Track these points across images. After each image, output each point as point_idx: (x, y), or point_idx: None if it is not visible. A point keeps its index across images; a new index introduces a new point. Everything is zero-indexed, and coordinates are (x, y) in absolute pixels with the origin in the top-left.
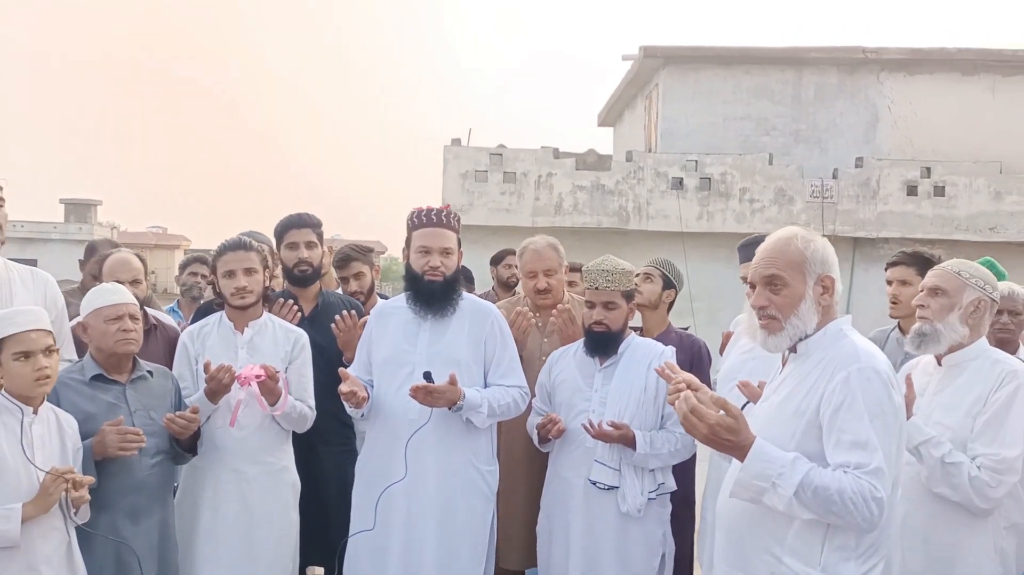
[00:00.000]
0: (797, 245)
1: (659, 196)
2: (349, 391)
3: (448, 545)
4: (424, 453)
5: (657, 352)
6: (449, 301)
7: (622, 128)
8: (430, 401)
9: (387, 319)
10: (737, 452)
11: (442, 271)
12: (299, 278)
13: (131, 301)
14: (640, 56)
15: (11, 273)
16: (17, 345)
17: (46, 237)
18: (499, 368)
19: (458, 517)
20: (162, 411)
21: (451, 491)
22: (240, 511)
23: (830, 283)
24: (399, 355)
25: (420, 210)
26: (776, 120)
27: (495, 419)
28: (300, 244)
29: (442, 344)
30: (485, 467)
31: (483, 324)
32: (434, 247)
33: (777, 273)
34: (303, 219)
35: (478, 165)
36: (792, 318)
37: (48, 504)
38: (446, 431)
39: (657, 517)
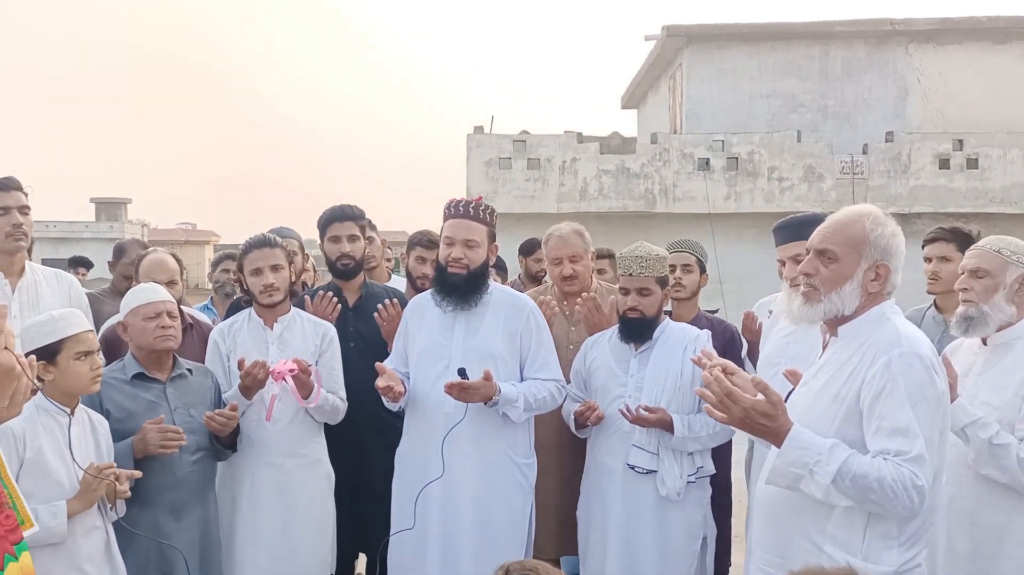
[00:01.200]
0: (864, 224)
1: (685, 178)
2: (385, 386)
3: (486, 539)
4: (460, 448)
5: (692, 336)
6: (472, 295)
7: (646, 110)
8: (465, 397)
9: (423, 312)
10: (773, 438)
11: (465, 263)
12: (341, 271)
13: (168, 299)
14: (663, 36)
15: (37, 276)
16: (78, 345)
17: (78, 236)
18: (535, 362)
19: (495, 511)
20: (202, 408)
21: (488, 486)
22: (278, 503)
23: (884, 272)
24: (435, 349)
25: (452, 201)
26: (803, 96)
27: (531, 413)
28: (342, 237)
29: (477, 338)
30: (522, 460)
31: (518, 317)
32: (457, 238)
33: (830, 248)
34: (345, 212)
35: (502, 152)
36: (832, 295)
37: (91, 500)
38: (482, 426)
39: (697, 500)
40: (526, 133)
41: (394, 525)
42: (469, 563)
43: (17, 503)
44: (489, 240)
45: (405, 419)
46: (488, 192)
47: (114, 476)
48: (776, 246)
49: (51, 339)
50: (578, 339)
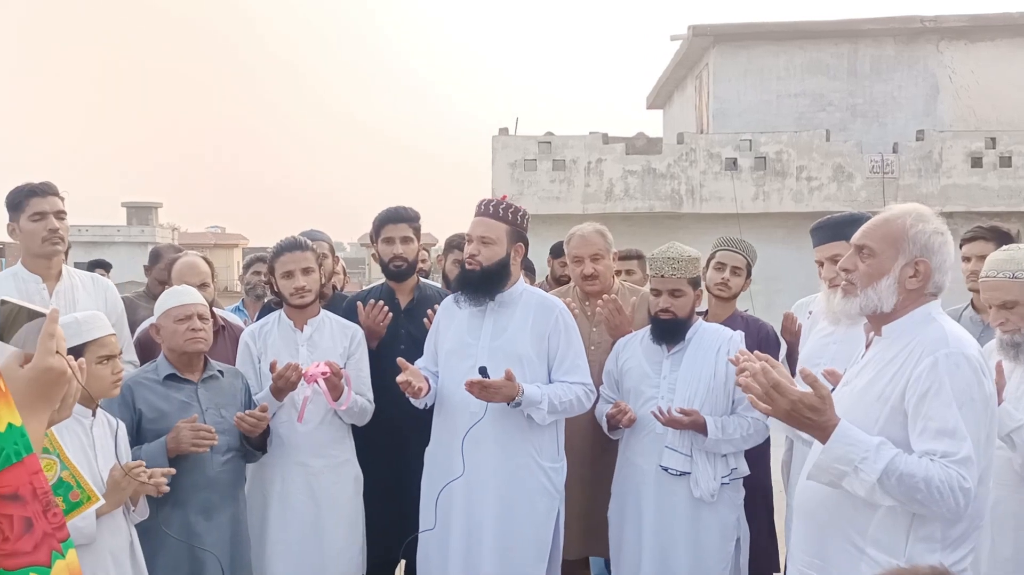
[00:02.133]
0: (904, 221)
1: (712, 178)
2: (405, 381)
3: (508, 542)
4: (483, 449)
5: (726, 337)
6: (486, 291)
7: (672, 110)
8: (486, 396)
9: (453, 311)
10: (818, 432)
11: (478, 260)
12: (393, 273)
13: (199, 301)
14: (689, 36)
15: (74, 280)
16: (101, 349)
17: (110, 240)
18: (563, 364)
19: (518, 514)
20: (232, 409)
21: (511, 488)
22: (308, 503)
23: (924, 269)
24: (462, 347)
25: (479, 201)
26: (832, 95)
27: (557, 416)
28: (395, 239)
29: (504, 338)
30: (548, 464)
31: (547, 319)
32: (473, 235)
33: (868, 244)
34: (399, 214)
35: (527, 154)
36: (869, 289)
37: (120, 499)
38: (505, 427)
39: (730, 502)
40: (551, 134)
41: (422, 524)
42: (490, 563)
43: (81, 481)
44: (511, 239)
45: (433, 418)
46: (513, 194)
47: (146, 475)
48: (814, 247)
49: (76, 341)
50: (599, 340)
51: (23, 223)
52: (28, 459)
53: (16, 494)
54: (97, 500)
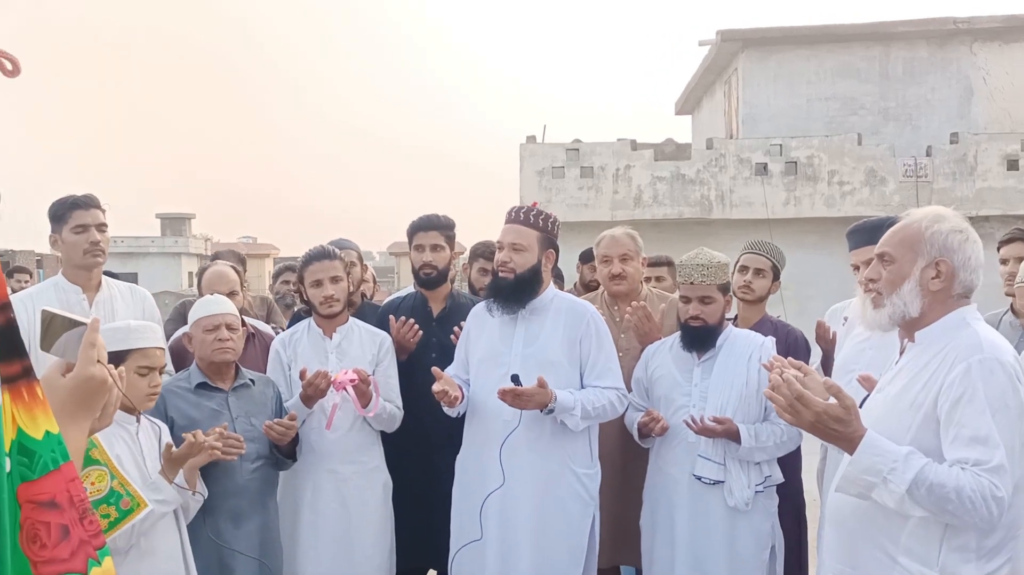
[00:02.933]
0: (920, 224)
1: (742, 183)
2: (441, 390)
3: (544, 549)
4: (518, 457)
5: (757, 344)
6: (520, 299)
7: (701, 115)
8: (519, 404)
9: (484, 318)
10: (845, 444)
11: (511, 267)
12: (423, 280)
13: (228, 311)
14: (717, 41)
15: (112, 290)
16: (143, 359)
17: (144, 251)
18: (595, 369)
19: (553, 521)
20: (263, 418)
21: (546, 495)
22: (339, 509)
23: (947, 269)
24: (494, 355)
25: (510, 209)
26: (863, 99)
27: (590, 422)
28: (426, 247)
29: (537, 345)
30: (582, 470)
31: (578, 324)
32: (505, 242)
33: (886, 251)
34: (430, 221)
35: (554, 161)
36: (893, 296)
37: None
38: (540, 434)
39: (765, 510)
40: (579, 141)
41: (455, 533)
42: (527, 571)
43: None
44: (542, 245)
45: (465, 427)
46: (542, 201)
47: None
48: (850, 250)
49: (120, 346)
50: (627, 346)
51: (65, 235)
52: (65, 467)
53: (53, 501)
54: (146, 506)
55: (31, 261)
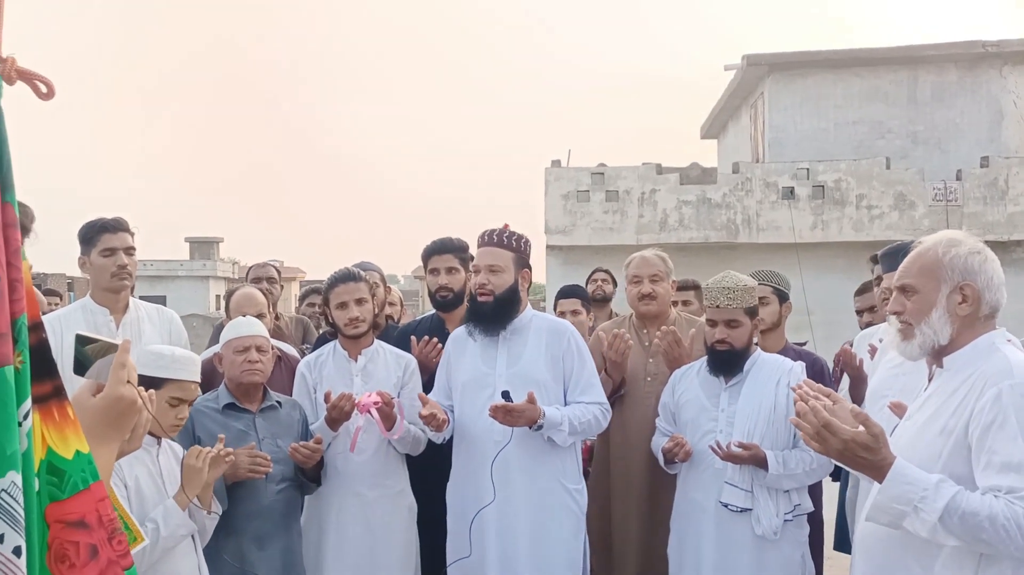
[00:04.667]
0: (936, 252)
1: (769, 207)
2: (429, 414)
3: (542, 565)
4: (512, 474)
5: (786, 369)
6: (499, 320)
7: (726, 140)
8: (510, 420)
9: (464, 343)
10: (874, 472)
11: (490, 289)
12: (440, 303)
13: (258, 333)
14: (743, 65)
15: (140, 312)
16: (178, 391)
17: (173, 274)
18: (578, 385)
19: (549, 536)
20: (289, 440)
21: (541, 511)
22: (363, 533)
23: (972, 293)
24: (479, 378)
25: (482, 233)
26: (891, 123)
27: (577, 437)
28: (440, 270)
29: (520, 365)
30: (573, 486)
31: (560, 342)
32: (481, 265)
33: (908, 282)
34: (445, 244)
35: (579, 185)
36: (923, 326)
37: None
38: (531, 451)
39: (794, 539)
40: (604, 165)
41: (450, 554)
42: None
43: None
44: (518, 266)
45: (453, 451)
46: (566, 225)
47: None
48: (882, 273)
49: (158, 373)
50: (656, 371)
51: (94, 258)
52: (95, 486)
53: (82, 521)
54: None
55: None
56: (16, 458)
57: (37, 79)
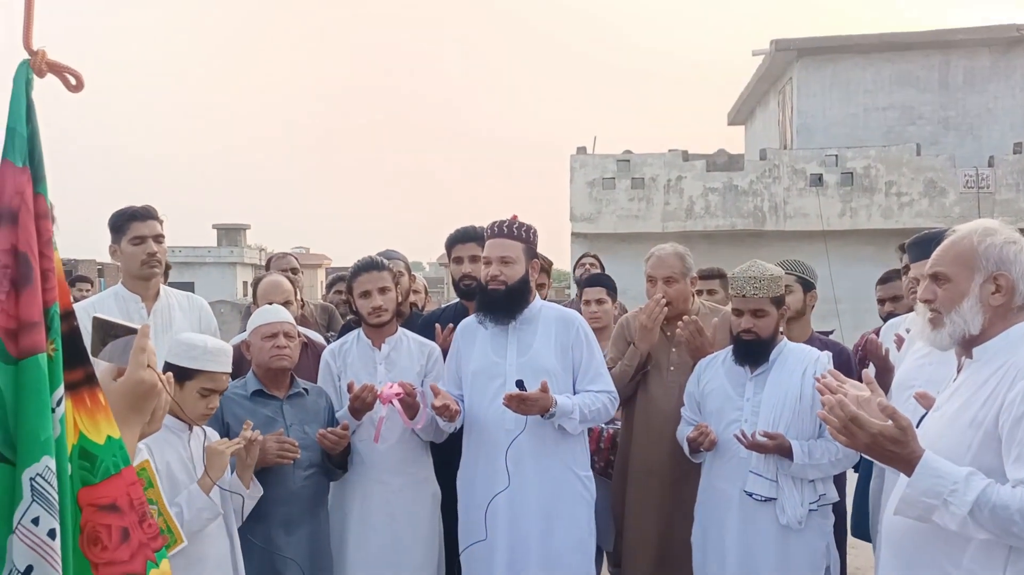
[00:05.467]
0: (971, 240)
1: (797, 194)
2: (442, 405)
3: (553, 551)
4: (524, 462)
5: (812, 358)
6: (511, 310)
7: (754, 126)
8: (523, 409)
9: (473, 333)
10: (902, 465)
11: (502, 279)
12: (464, 291)
13: (285, 320)
14: (771, 50)
15: (170, 299)
16: (210, 382)
17: (201, 260)
18: (587, 374)
19: (561, 523)
20: (316, 426)
21: (553, 498)
22: (387, 520)
23: (1006, 283)
24: (489, 367)
25: (491, 224)
26: (922, 108)
27: (587, 424)
28: (464, 258)
29: (530, 354)
30: (583, 473)
31: (568, 331)
32: (492, 257)
33: (940, 270)
34: (468, 233)
35: (605, 172)
36: (953, 315)
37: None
38: (542, 439)
39: (819, 529)
40: (629, 152)
41: (463, 539)
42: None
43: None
44: (527, 256)
45: (464, 440)
46: (591, 212)
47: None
48: (911, 262)
49: (191, 364)
50: (678, 361)
51: (124, 246)
52: (125, 471)
53: (114, 505)
54: (182, 542)
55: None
56: (50, 443)
57: (67, 71)
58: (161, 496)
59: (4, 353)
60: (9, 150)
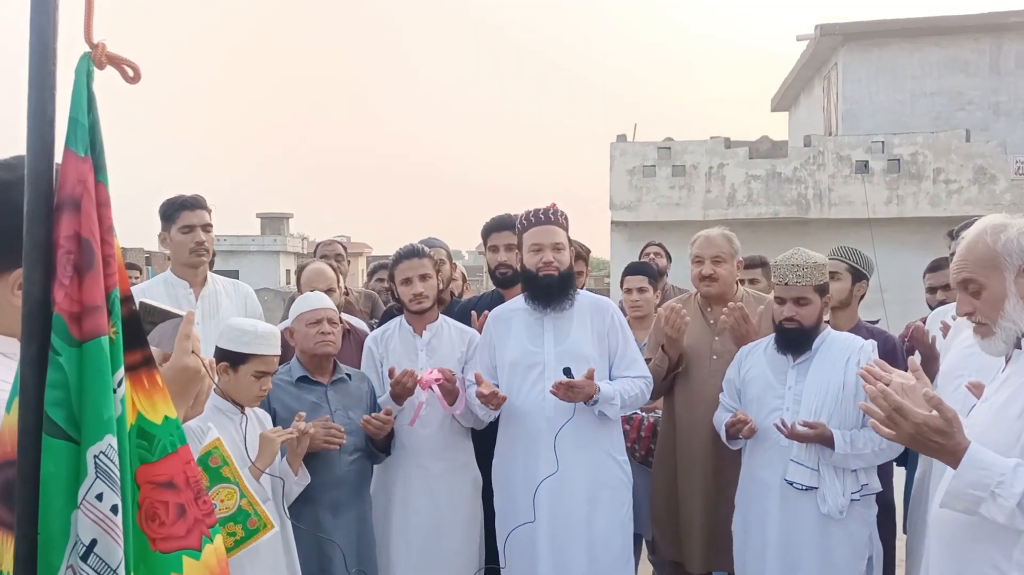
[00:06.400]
0: (985, 241)
1: (842, 181)
2: (490, 393)
3: (596, 535)
4: (567, 448)
5: (856, 347)
6: (566, 296)
7: (798, 112)
8: (570, 396)
9: (507, 322)
10: (948, 457)
11: (556, 266)
12: (500, 280)
13: (329, 306)
14: (816, 35)
15: (217, 286)
16: (261, 364)
17: (245, 249)
18: (623, 360)
19: (602, 507)
20: (359, 411)
21: (594, 482)
22: (428, 504)
23: None
24: (527, 356)
25: (528, 212)
26: (972, 93)
27: (626, 410)
28: (500, 247)
29: (568, 343)
30: (620, 457)
31: (603, 319)
32: (545, 243)
33: (968, 277)
34: (503, 221)
35: (645, 160)
36: (1000, 321)
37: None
38: (584, 425)
39: (861, 518)
40: (670, 140)
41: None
42: (580, 558)
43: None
44: (569, 244)
45: (500, 428)
46: (632, 200)
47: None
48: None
49: (244, 349)
50: (721, 349)
51: (173, 234)
52: (182, 449)
53: (171, 482)
54: (272, 527)
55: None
56: (112, 423)
57: (125, 64)
58: (240, 476)
59: (68, 336)
60: (71, 140)
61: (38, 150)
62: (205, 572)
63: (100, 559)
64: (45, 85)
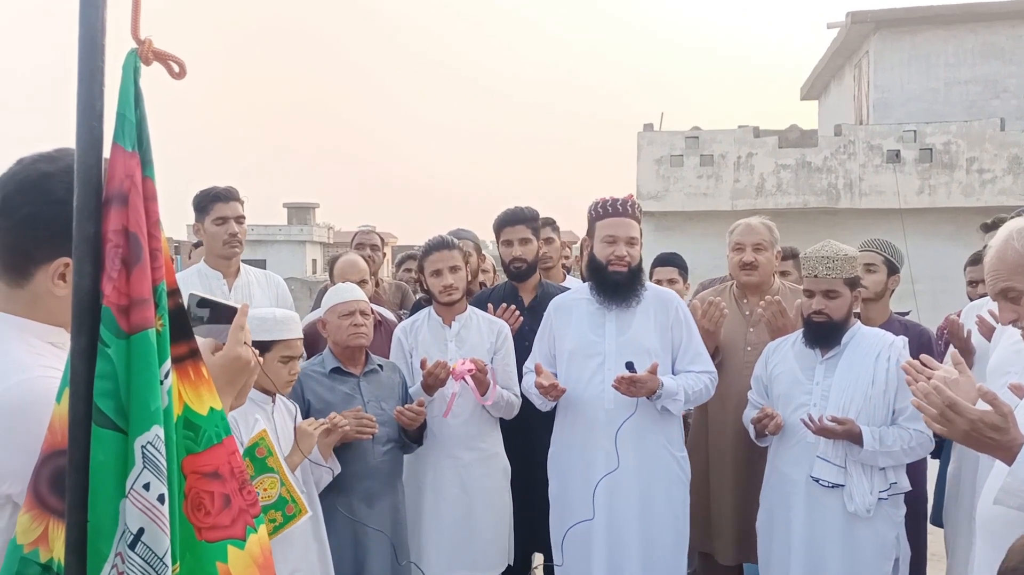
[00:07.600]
0: (1015, 247)
1: (873, 171)
2: (550, 384)
3: (651, 531)
4: (625, 442)
5: (887, 343)
6: (634, 291)
7: (828, 101)
8: (633, 391)
9: (568, 311)
10: (1003, 454)
11: (627, 261)
12: (514, 273)
13: (362, 298)
14: (847, 23)
15: (249, 276)
16: (286, 349)
17: (272, 239)
18: (687, 354)
19: (658, 503)
20: (392, 402)
21: (651, 478)
22: (459, 494)
23: None
24: (587, 346)
25: (604, 200)
26: (1008, 81)
27: (690, 406)
28: (514, 241)
29: (630, 334)
30: (679, 453)
31: (667, 311)
32: (620, 236)
33: (1007, 286)
34: (516, 215)
35: (673, 149)
36: None
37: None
38: (644, 420)
39: (889, 518)
40: (698, 129)
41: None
42: (636, 553)
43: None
44: (641, 237)
45: (556, 418)
46: (659, 190)
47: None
48: None
49: (266, 336)
50: (756, 341)
51: (207, 225)
52: (227, 440)
53: (216, 472)
54: (306, 513)
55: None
56: (159, 414)
57: (171, 59)
58: (282, 466)
59: (117, 328)
60: (119, 135)
61: (87, 145)
62: (249, 562)
63: (147, 547)
64: (94, 80)
